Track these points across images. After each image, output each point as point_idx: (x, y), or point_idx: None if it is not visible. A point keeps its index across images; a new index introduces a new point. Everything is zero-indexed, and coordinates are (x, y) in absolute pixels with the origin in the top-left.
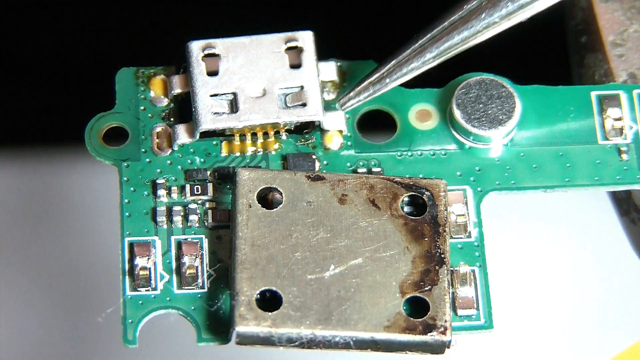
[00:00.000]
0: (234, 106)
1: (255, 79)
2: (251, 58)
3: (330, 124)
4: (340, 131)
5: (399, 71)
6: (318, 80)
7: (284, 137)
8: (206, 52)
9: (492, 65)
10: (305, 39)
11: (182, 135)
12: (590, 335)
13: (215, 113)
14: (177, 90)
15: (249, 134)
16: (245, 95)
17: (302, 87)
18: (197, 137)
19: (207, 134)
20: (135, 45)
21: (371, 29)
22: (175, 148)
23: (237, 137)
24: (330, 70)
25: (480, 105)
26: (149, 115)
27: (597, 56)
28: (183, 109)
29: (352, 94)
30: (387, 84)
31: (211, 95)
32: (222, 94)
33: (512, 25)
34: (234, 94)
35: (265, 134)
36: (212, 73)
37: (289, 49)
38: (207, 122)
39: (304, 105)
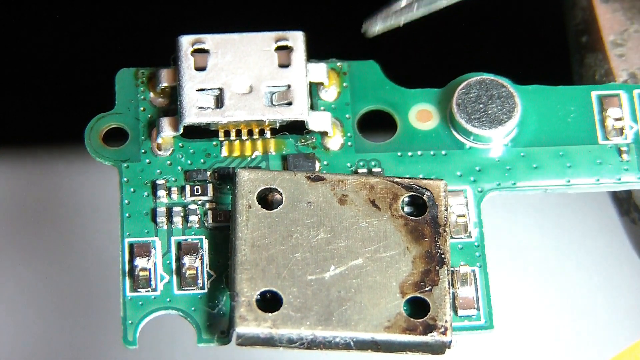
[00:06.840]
0: (219, 102)
1: (243, 75)
2: (240, 55)
3: (315, 125)
4: (326, 132)
5: None
6: (306, 81)
7: (268, 135)
8: (195, 47)
9: (493, 65)
10: (296, 38)
11: (166, 128)
12: (590, 335)
13: (200, 107)
14: (164, 84)
15: (234, 131)
16: (232, 92)
17: (289, 86)
18: (181, 130)
19: (192, 129)
20: (135, 46)
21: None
22: (159, 141)
23: (222, 134)
24: (320, 71)
25: (481, 105)
26: (149, 115)
27: (598, 56)
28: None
29: (378, 19)
30: (414, 13)
31: (197, 90)
32: (208, 89)
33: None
34: (220, 89)
35: (250, 132)
36: (201, 68)
37: (279, 48)
38: (191, 115)
39: (290, 104)
